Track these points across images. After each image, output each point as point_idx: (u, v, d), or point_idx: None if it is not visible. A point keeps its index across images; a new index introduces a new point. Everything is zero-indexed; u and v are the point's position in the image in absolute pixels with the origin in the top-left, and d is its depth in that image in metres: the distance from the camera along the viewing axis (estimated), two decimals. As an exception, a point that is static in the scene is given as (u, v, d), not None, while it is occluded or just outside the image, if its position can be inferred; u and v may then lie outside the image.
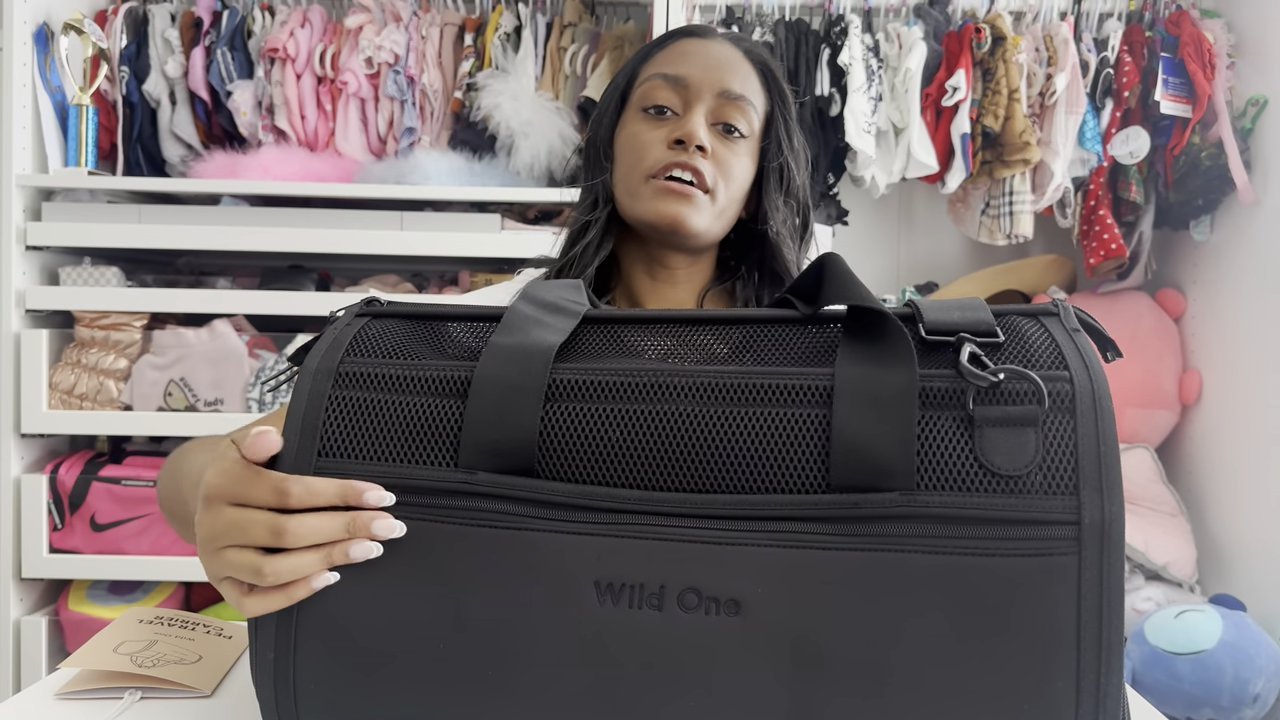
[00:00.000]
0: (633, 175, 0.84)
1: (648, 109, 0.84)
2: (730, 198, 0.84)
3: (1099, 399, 0.44)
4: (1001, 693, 0.42)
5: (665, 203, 0.81)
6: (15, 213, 1.73)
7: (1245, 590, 1.76)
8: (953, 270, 2.18)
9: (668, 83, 0.84)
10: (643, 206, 0.83)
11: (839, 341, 0.49)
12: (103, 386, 1.75)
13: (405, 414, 0.49)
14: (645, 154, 0.83)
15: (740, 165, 0.84)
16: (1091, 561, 0.42)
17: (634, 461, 0.46)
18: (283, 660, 0.48)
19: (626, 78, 0.89)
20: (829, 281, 0.51)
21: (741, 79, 0.85)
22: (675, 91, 0.83)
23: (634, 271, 0.91)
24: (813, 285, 0.53)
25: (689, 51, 0.85)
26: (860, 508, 0.43)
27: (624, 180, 0.85)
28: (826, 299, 0.51)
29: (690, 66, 0.84)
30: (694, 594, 0.44)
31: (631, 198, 0.84)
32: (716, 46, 0.86)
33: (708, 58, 0.84)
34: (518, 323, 0.51)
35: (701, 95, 0.83)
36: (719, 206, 0.84)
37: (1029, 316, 0.49)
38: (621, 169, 0.85)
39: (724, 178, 0.83)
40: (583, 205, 0.90)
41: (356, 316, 0.55)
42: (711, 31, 0.89)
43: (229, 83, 1.90)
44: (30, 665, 1.75)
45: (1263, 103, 1.80)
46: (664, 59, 0.86)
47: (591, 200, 0.89)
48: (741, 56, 0.87)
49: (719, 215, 0.84)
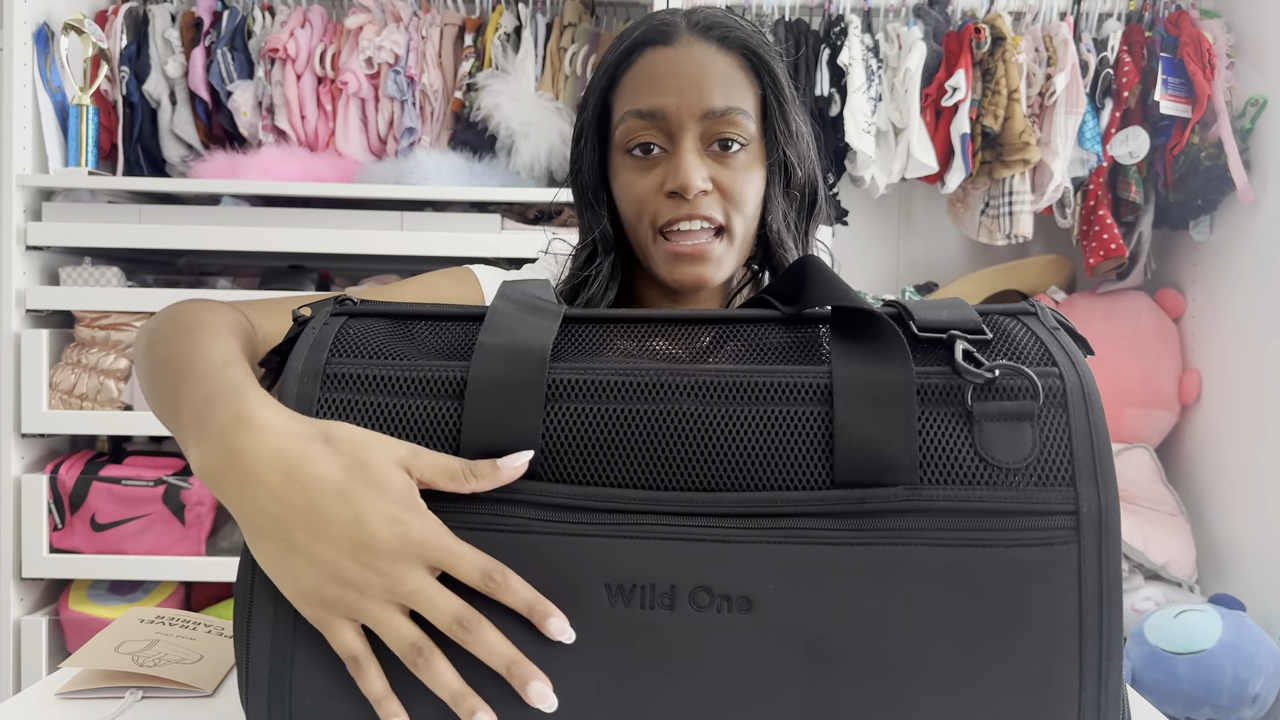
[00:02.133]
0: (639, 228, 0.78)
1: (632, 150, 0.77)
2: (747, 221, 0.78)
3: (1088, 393, 0.46)
4: (1009, 679, 0.43)
5: (682, 269, 0.76)
6: (15, 213, 1.73)
7: (1244, 590, 1.77)
8: (952, 270, 2.18)
9: (644, 120, 0.75)
10: (660, 270, 0.78)
11: (826, 341, 0.50)
12: (103, 386, 1.75)
13: (399, 416, 0.47)
14: (645, 207, 0.77)
15: (748, 179, 0.77)
16: (1090, 550, 0.43)
17: (638, 461, 0.46)
18: (278, 675, 0.46)
19: (596, 111, 0.80)
20: (812, 284, 0.51)
21: (723, 85, 0.75)
22: (656, 127, 0.75)
23: (652, 298, 0.85)
24: (793, 287, 0.53)
25: (658, 74, 0.76)
26: (866, 503, 0.44)
27: (632, 230, 0.79)
28: (809, 301, 0.51)
29: (663, 94, 0.75)
30: (705, 592, 0.44)
31: (645, 253, 0.79)
32: (685, 54, 0.76)
33: (679, 75, 0.75)
34: (504, 322, 0.50)
35: (685, 125, 0.74)
36: (739, 240, 0.78)
37: (1010, 316, 0.51)
38: (627, 218, 0.79)
39: (735, 206, 0.76)
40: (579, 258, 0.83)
41: (333, 315, 0.53)
42: (675, 30, 0.77)
43: (229, 83, 1.90)
44: (31, 665, 1.75)
45: (1262, 103, 1.80)
46: (633, 89, 0.77)
47: (590, 251, 0.82)
48: (717, 50, 0.77)
49: (741, 248, 0.79)
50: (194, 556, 1.75)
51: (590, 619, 0.44)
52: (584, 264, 0.82)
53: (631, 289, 0.86)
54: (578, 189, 0.83)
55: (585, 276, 0.81)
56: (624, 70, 0.78)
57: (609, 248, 0.81)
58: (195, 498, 1.74)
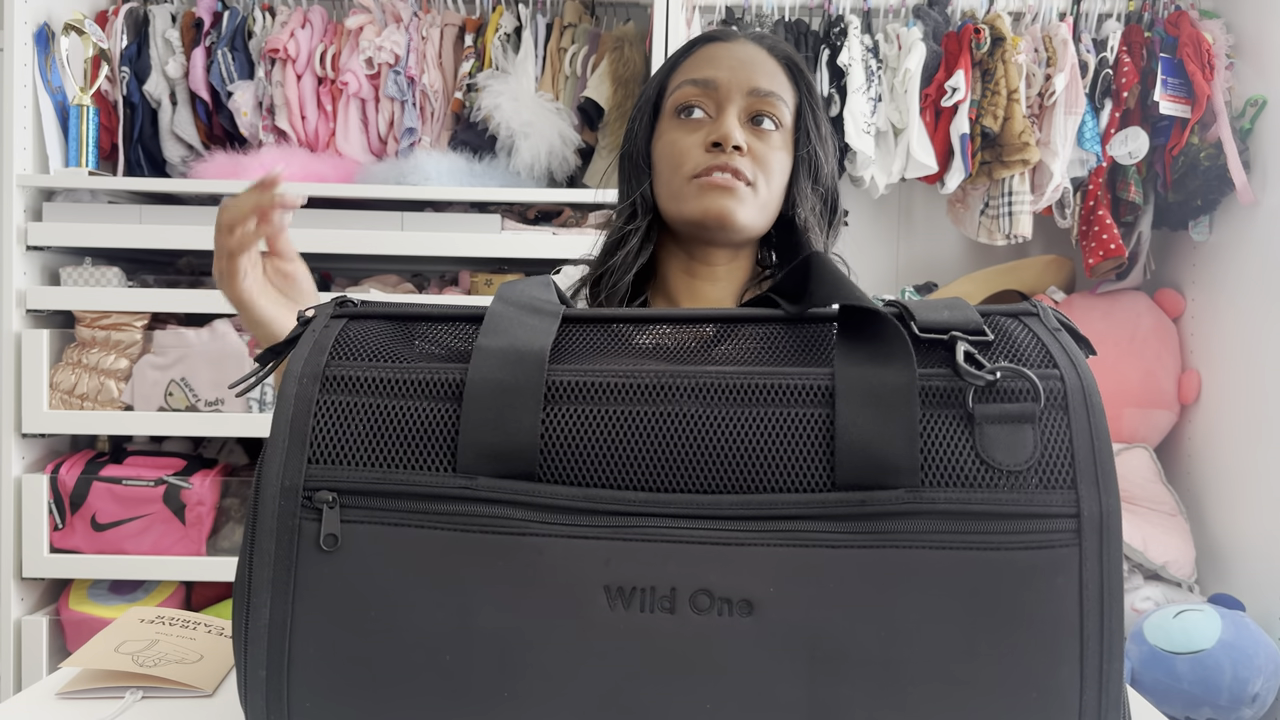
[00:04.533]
0: (675, 179, 0.86)
1: (681, 114, 0.87)
2: (771, 191, 0.87)
3: (1089, 395, 0.45)
4: (1010, 681, 0.43)
5: (711, 198, 0.83)
6: (16, 213, 1.73)
7: (1244, 590, 1.77)
8: (952, 270, 2.18)
9: (698, 87, 0.86)
10: (689, 206, 0.85)
11: (830, 340, 0.49)
12: (103, 386, 1.75)
13: (398, 418, 0.47)
14: (685, 158, 0.85)
15: (777, 158, 0.86)
16: (1092, 553, 0.43)
17: (638, 463, 0.46)
18: (275, 678, 0.46)
19: (656, 89, 0.91)
20: (817, 282, 0.51)
21: (769, 75, 0.87)
22: (706, 94, 0.86)
23: (672, 272, 0.92)
24: (799, 285, 0.53)
25: (715, 56, 0.88)
26: (867, 505, 0.44)
27: (666, 185, 0.87)
28: (816, 300, 0.51)
29: (718, 69, 0.86)
30: (706, 595, 0.44)
31: (676, 200, 0.86)
32: (740, 47, 0.89)
33: (733, 59, 0.87)
34: (501, 324, 0.50)
35: (732, 95, 0.85)
36: (761, 199, 0.86)
37: (1011, 317, 0.50)
38: (663, 175, 0.88)
39: (763, 172, 0.85)
40: (622, 215, 0.92)
41: (333, 318, 0.53)
42: (734, 34, 0.91)
43: (230, 83, 1.91)
44: (31, 665, 1.75)
45: (1261, 103, 1.80)
46: (691, 65, 0.89)
47: (631, 211, 0.91)
48: (766, 54, 0.89)
49: (763, 208, 0.86)
50: (194, 556, 1.75)
51: (590, 622, 0.44)
52: (625, 221, 0.91)
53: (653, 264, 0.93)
54: (626, 156, 0.93)
55: (625, 233, 0.90)
56: (685, 57, 0.91)
57: (647, 209, 0.90)
58: (195, 498, 1.74)
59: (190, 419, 1.76)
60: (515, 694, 0.44)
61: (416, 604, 0.45)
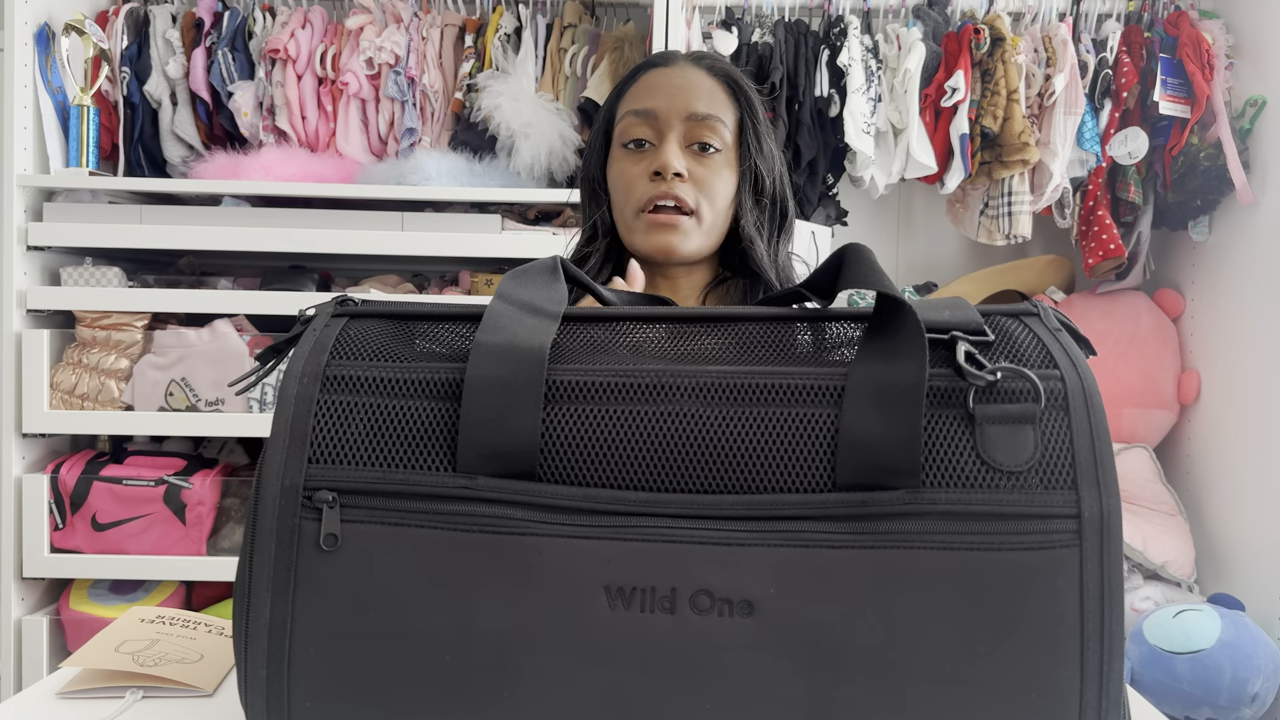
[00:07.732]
0: (625, 211, 0.92)
1: (627, 145, 0.92)
2: (716, 212, 0.91)
3: (1089, 396, 0.45)
4: (1011, 682, 0.43)
5: (656, 236, 0.89)
6: (16, 213, 1.73)
7: (1243, 589, 1.77)
8: (951, 271, 2.18)
9: (639, 117, 0.91)
10: (638, 240, 0.91)
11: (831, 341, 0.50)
12: (104, 386, 1.75)
13: (399, 418, 0.47)
14: (631, 190, 0.90)
15: (720, 179, 0.90)
16: (1092, 553, 0.43)
17: (639, 463, 0.46)
18: (275, 678, 0.45)
19: (606, 118, 0.96)
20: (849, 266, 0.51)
21: (707, 98, 0.91)
22: (648, 124, 0.91)
23: None
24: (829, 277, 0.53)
25: (654, 84, 0.92)
26: (868, 506, 0.44)
27: (620, 215, 0.93)
28: (844, 284, 0.51)
29: (656, 98, 0.91)
30: (706, 596, 0.44)
31: (628, 231, 0.92)
32: (679, 72, 0.92)
33: (671, 86, 0.91)
34: (500, 321, 0.49)
35: (671, 123, 0.90)
36: (706, 225, 0.90)
37: (1012, 317, 0.50)
38: (616, 204, 0.94)
39: (706, 196, 0.90)
40: (583, 235, 0.98)
41: (334, 317, 0.52)
42: (674, 57, 0.95)
43: (230, 83, 1.91)
44: (31, 665, 1.75)
45: (1261, 103, 1.81)
46: (634, 96, 0.93)
47: (591, 233, 0.97)
48: (705, 74, 0.93)
49: (707, 233, 0.91)
50: (194, 556, 1.75)
51: (590, 622, 0.44)
52: (585, 243, 0.97)
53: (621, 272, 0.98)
54: (584, 182, 0.99)
55: (586, 253, 0.96)
56: (629, 85, 0.95)
57: (606, 231, 0.96)
58: (196, 498, 1.74)
59: (190, 419, 1.76)
60: (515, 694, 0.44)
61: (416, 604, 0.45)
